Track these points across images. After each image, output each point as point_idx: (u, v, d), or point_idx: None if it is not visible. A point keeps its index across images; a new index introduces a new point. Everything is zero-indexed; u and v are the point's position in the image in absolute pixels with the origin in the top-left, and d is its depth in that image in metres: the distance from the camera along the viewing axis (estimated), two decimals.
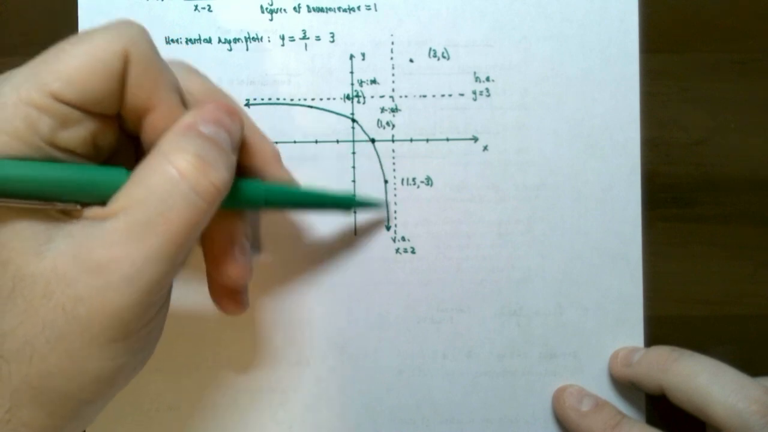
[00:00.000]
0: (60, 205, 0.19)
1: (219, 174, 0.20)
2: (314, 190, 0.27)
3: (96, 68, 0.19)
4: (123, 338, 0.19)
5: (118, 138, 0.22)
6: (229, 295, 0.25)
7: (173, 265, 0.19)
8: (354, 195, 0.30)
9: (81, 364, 0.19)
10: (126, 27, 0.20)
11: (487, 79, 0.30)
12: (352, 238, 0.30)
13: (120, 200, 0.19)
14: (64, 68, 0.19)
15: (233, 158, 0.21)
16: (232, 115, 0.22)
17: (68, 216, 0.19)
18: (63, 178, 0.19)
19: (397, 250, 0.30)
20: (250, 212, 0.25)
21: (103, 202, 0.19)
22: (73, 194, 0.19)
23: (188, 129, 0.20)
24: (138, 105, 0.20)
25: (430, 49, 0.30)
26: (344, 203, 0.28)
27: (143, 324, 0.20)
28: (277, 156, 0.25)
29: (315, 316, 0.30)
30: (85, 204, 0.19)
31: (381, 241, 0.30)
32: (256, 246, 0.30)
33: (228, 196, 0.20)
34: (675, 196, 0.31)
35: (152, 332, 0.21)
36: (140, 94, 0.20)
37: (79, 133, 0.20)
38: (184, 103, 0.22)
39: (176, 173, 0.19)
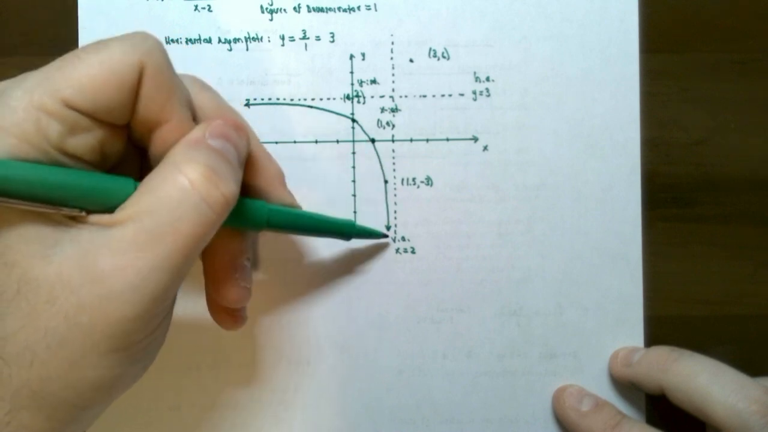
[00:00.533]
0: (65, 210, 0.19)
1: (228, 186, 0.20)
2: (316, 215, 0.27)
3: (110, 78, 0.19)
4: (124, 348, 0.19)
5: (125, 147, 0.22)
6: (228, 313, 0.25)
7: (178, 275, 0.19)
8: (354, 223, 0.29)
9: (80, 372, 0.19)
10: (142, 39, 0.20)
11: (487, 79, 0.30)
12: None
13: (129, 208, 0.19)
14: (78, 76, 0.19)
15: (240, 173, 0.22)
16: (239, 131, 0.22)
17: (74, 221, 0.19)
18: (70, 183, 0.19)
19: (397, 250, 0.30)
20: (251, 234, 0.25)
21: (108, 210, 0.19)
22: (79, 200, 0.19)
23: (197, 142, 0.20)
24: (149, 117, 0.21)
25: (430, 49, 0.30)
26: (345, 230, 0.28)
27: (145, 335, 0.20)
28: (281, 177, 0.25)
29: (315, 316, 0.30)
30: (90, 211, 0.19)
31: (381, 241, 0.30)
32: (254, 264, 0.30)
33: (232, 213, 0.21)
34: (675, 196, 0.31)
35: (153, 343, 0.21)
36: (153, 107, 0.20)
37: (87, 140, 0.20)
38: (194, 118, 0.22)
39: (187, 183, 0.19)
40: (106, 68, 0.19)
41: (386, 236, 0.30)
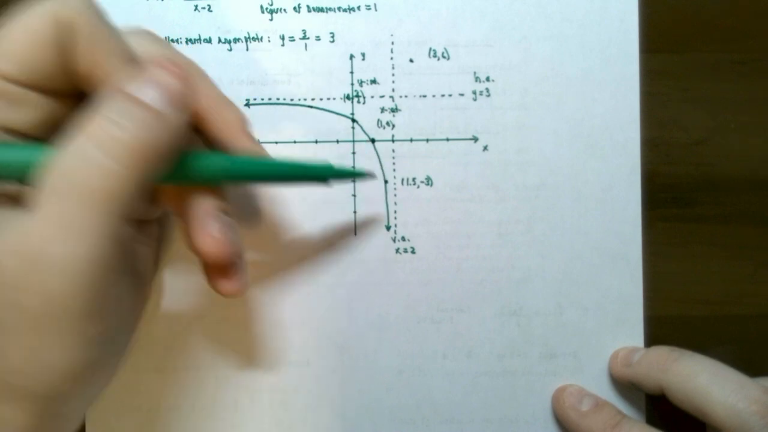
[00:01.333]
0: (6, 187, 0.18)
1: (135, 136, 0.18)
2: (285, 161, 0.24)
3: (29, 38, 0.18)
4: (79, 329, 0.18)
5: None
6: (220, 273, 0.23)
7: (107, 240, 0.18)
8: (332, 165, 0.25)
9: (43, 359, 0.18)
10: None
11: (487, 79, 0.30)
12: (352, 238, 0.30)
13: (42, 178, 0.18)
14: (1, 45, 0.18)
15: (171, 120, 0.19)
16: (172, 74, 0.20)
17: (16, 203, 0.19)
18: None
19: (397, 250, 0.30)
20: (229, 187, 0.24)
21: None
22: (13, 174, 0.18)
23: (113, 92, 0.19)
24: (88, 76, 0.19)
25: (430, 49, 0.30)
26: (321, 174, 0.25)
27: (98, 312, 0.18)
28: (240, 124, 0.23)
29: (315, 316, 0.30)
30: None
31: (381, 241, 0.30)
32: (255, 218, 0.29)
33: (176, 169, 0.19)
34: (675, 196, 0.31)
35: (119, 325, 0.20)
36: (87, 65, 0.19)
37: (32, 114, 0.19)
38: None
39: (85, 138, 0.18)
40: (23, 29, 0.18)
41: (371, 175, 0.28)
